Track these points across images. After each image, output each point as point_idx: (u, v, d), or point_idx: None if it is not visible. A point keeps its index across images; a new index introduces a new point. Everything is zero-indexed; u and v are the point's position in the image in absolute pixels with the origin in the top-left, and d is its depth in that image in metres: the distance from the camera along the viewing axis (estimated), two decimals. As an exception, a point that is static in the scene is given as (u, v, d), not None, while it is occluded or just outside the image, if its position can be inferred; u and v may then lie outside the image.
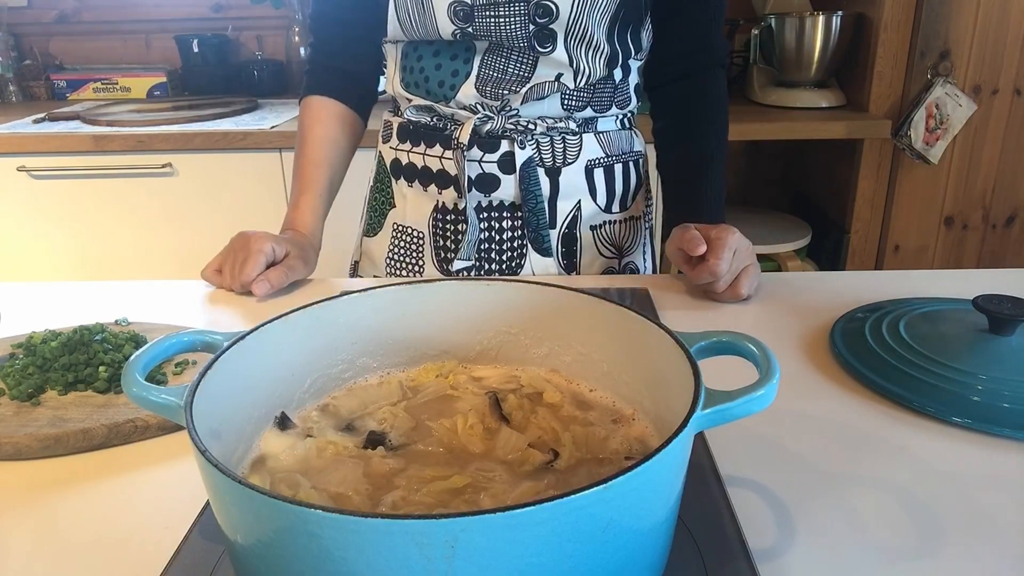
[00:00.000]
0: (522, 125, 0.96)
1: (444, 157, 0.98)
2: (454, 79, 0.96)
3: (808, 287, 0.92)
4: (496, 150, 0.97)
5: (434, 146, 0.99)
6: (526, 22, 0.90)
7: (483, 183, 0.98)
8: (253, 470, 0.48)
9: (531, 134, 0.97)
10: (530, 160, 0.97)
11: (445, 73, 0.96)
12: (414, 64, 0.99)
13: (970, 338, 0.71)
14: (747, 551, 0.49)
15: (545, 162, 0.98)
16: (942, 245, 2.18)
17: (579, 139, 0.99)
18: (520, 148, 0.96)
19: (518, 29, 0.91)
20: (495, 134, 0.96)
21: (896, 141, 2.03)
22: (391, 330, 0.58)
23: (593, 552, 0.36)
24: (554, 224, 1.00)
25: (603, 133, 1.01)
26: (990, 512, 0.53)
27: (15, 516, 0.54)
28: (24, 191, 2.00)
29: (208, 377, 0.44)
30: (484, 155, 0.97)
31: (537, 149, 0.97)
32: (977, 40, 1.98)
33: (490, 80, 0.94)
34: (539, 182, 0.98)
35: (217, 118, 2.07)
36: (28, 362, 0.68)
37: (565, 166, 0.99)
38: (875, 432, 0.63)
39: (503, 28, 0.91)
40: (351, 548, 0.33)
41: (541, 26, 0.91)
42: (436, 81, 0.97)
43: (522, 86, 0.94)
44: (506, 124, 0.96)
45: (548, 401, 0.54)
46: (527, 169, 0.97)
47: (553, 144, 0.98)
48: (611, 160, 1.02)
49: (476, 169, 0.97)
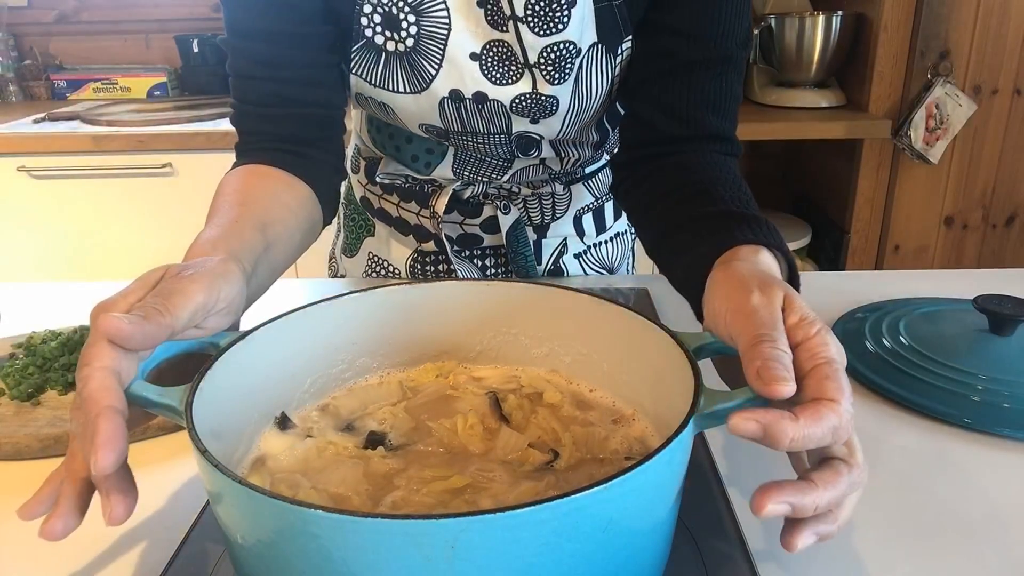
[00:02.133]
0: (505, 190, 0.89)
1: (421, 215, 0.91)
2: (429, 156, 0.87)
3: (808, 287, 0.92)
4: (478, 215, 0.90)
5: (410, 203, 0.91)
6: (508, 145, 0.82)
7: (465, 241, 0.92)
8: (253, 470, 0.48)
9: (516, 196, 0.90)
10: (517, 222, 0.90)
11: (419, 149, 0.86)
12: (383, 127, 0.88)
13: (970, 338, 0.71)
14: (747, 551, 0.49)
15: (532, 221, 0.93)
16: (942, 245, 2.18)
17: (567, 192, 0.93)
18: (504, 213, 0.89)
19: (498, 149, 0.83)
20: (476, 200, 0.89)
21: (896, 141, 2.03)
22: (391, 330, 0.58)
23: (593, 552, 0.36)
24: (540, 262, 0.96)
25: (591, 177, 0.95)
26: (990, 512, 0.53)
27: (15, 516, 0.54)
28: (24, 191, 2.00)
29: (208, 377, 0.44)
30: (465, 219, 0.91)
31: (524, 210, 0.91)
32: (977, 40, 1.98)
33: (469, 162, 0.86)
34: (527, 241, 0.92)
35: (217, 118, 2.07)
36: (28, 362, 0.68)
37: (553, 221, 0.94)
38: (874, 432, 0.63)
39: (481, 148, 0.82)
40: (351, 548, 0.33)
41: (524, 144, 0.82)
42: (409, 155, 0.87)
43: (503, 173, 0.87)
44: (488, 189, 0.89)
45: (548, 401, 0.54)
46: (515, 231, 0.90)
47: (541, 203, 0.92)
48: (600, 201, 0.97)
49: (457, 230, 0.91)
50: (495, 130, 0.79)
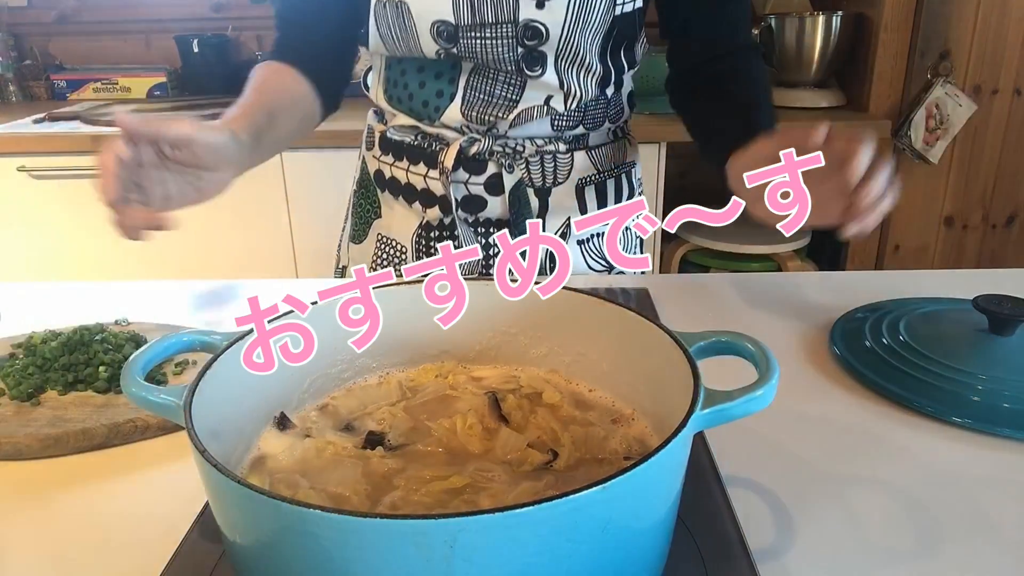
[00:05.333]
0: (510, 147, 0.93)
1: (429, 176, 0.95)
2: (439, 100, 0.92)
3: (808, 287, 0.92)
4: (483, 172, 0.93)
5: (418, 164, 0.96)
6: (514, 44, 0.86)
7: (470, 204, 0.95)
8: (252, 470, 0.48)
9: (520, 155, 0.93)
10: (519, 183, 0.94)
11: (429, 93, 0.92)
12: (398, 78, 0.95)
13: (970, 338, 0.71)
14: (747, 551, 0.49)
15: (535, 183, 0.95)
16: (942, 245, 2.18)
17: (570, 157, 0.96)
18: (508, 172, 0.93)
19: (505, 51, 0.86)
20: (482, 156, 0.93)
21: (896, 141, 2.03)
22: (391, 330, 0.58)
23: (592, 552, 0.36)
24: None
25: (595, 149, 0.98)
26: (990, 512, 0.53)
27: (15, 516, 0.54)
28: (24, 191, 2.00)
29: (207, 377, 0.44)
30: (470, 177, 0.94)
31: (526, 170, 0.94)
32: (977, 40, 1.98)
33: (476, 103, 0.90)
34: (529, 204, 0.95)
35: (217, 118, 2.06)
36: (28, 362, 0.68)
37: (555, 186, 0.96)
38: (875, 432, 0.63)
39: (489, 50, 0.86)
40: (350, 548, 0.33)
41: (530, 48, 0.86)
42: (420, 100, 0.93)
43: (509, 112, 0.90)
44: (493, 146, 0.92)
45: (547, 401, 0.54)
46: (516, 192, 0.94)
47: (543, 164, 0.95)
48: (603, 176, 0.99)
49: (462, 191, 0.94)
50: (503, 18, 0.85)
